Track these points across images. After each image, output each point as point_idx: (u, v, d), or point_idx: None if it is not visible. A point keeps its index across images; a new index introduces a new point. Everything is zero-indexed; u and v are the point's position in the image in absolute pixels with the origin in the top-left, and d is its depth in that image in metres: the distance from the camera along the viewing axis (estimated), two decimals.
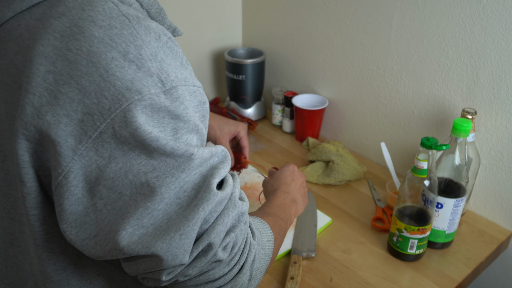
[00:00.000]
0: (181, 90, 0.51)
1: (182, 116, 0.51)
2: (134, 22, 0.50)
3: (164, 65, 0.50)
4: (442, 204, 0.91)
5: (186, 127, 0.51)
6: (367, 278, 0.89)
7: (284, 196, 0.86)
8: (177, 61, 0.52)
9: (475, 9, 0.94)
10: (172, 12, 1.35)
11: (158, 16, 0.60)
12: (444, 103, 1.06)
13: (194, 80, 0.54)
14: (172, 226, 0.50)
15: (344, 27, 1.22)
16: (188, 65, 0.54)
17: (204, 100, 0.55)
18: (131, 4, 0.55)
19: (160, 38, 0.51)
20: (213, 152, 0.54)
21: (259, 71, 1.43)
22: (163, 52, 0.51)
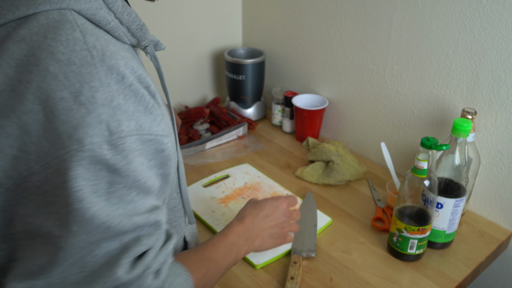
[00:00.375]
0: (130, 141, 0.47)
1: (122, 170, 0.47)
2: (97, 60, 0.46)
3: (117, 112, 0.46)
4: (442, 204, 0.91)
5: (124, 182, 0.48)
6: (367, 278, 0.89)
7: (239, 233, 0.78)
8: (141, 105, 0.49)
9: (475, 9, 0.94)
10: (172, 12, 1.35)
11: (139, 32, 0.57)
12: (444, 103, 1.06)
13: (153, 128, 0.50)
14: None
15: (344, 27, 1.22)
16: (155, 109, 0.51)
17: (162, 149, 0.52)
18: (109, 22, 0.52)
19: (123, 80, 0.48)
20: (139, 223, 0.50)
21: (259, 71, 1.43)
22: (123, 96, 0.47)
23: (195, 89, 1.54)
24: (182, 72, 1.47)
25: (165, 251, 0.56)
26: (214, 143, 1.33)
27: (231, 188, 1.14)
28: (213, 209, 1.06)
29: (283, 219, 0.85)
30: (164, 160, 0.53)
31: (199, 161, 1.25)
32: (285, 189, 1.14)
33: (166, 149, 0.53)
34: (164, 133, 0.52)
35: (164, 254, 0.55)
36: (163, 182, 0.55)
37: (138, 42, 0.57)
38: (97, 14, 0.50)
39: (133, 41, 0.57)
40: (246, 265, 0.91)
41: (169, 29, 1.37)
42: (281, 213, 0.85)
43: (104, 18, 0.51)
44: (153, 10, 1.30)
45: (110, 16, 0.52)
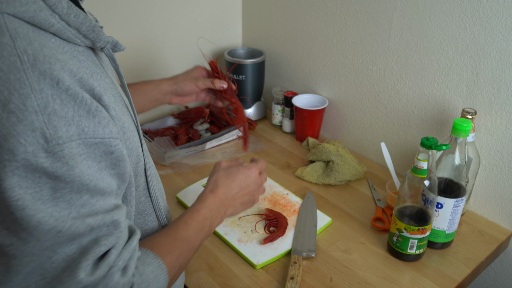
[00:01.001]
0: (69, 147, 0.46)
1: (64, 177, 0.46)
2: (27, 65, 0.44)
3: (54, 118, 0.45)
4: (442, 204, 0.91)
5: (69, 187, 0.47)
6: (367, 278, 0.89)
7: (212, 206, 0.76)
8: (81, 109, 0.48)
9: (475, 9, 0.94)
10: (173, 12, 1.35)
11: (92, 34, 0.55)
12: (444, 103, 1.06)
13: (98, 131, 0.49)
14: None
15: (344, 27, 1.22)
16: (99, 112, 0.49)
17: (111, 151, 0.51)
18: (52, 25, 0.50)
19: (58, 85, 0.46)
20: (94, 224, 0.49)
21: (259, 71, 1.43)
22: (59, 102, 0.46)
23: None
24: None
25: (129, 247, 0.55)
26: (214, 143, 1.33)
27: None
28: None
29: (255, 187, 0.84)
30: (115, 161, 0.52)
31: (199, 161, 1.25)
32: (285, 189, 1.14)
33: (116, 151, 0.52)
34: (112, 135, 0.51)
35: (129, 251, 0.55)
36: (120, 181, 0.55)
37: (92, 43, 0.56)
38: (35, 16, 0.48)
39: (87, 43, 0.55)
40: (246, 265, 0.91)
41: (169, 29, 1.37)
42: (252, 181, 0.83)
43: (46, 21, 0.49)
44: (153, 10, 1.30)
45: (53, 18, 0.50)
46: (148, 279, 0.59)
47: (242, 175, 0.82)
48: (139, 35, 1.31)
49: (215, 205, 0.77)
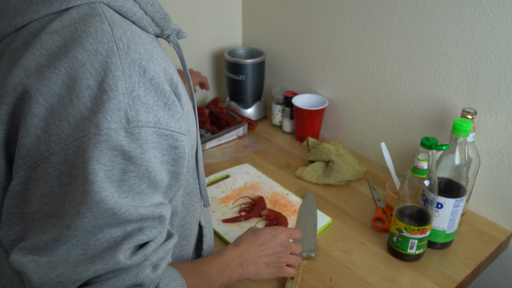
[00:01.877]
0: (146, 132, 0.49)
1: (136, 159, 0.49)
2: (122, 52, 0.49)
3: (137, 102, 0.49)
4: (442, 204, 0.91)
5: (137, 171, 0.50)
6: (367, 278, 0.89)
7: (234, 255, 0.77)
8: (160, 100, 0.51)
9: (475, 9, 0.94)
10: (172, 12, 1.35)
11: (163, 22, 0.59)
12: (444, 103, 1.06)
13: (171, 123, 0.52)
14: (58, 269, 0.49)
15: (344, 27, 1.22)
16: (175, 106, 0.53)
17: (176, 145, 0.53)
18: (135, 13, 0.54)
19: (145, 74, 0.50)
20: (144, 214, 0.52)
21: (259, 71, 1.43)
22: (143, 89, 0.49)
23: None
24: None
25: (166, 247, 0.57)
26: (214, 143, 1.33)
27: (231, 188, 1.14)
28: (213, 209, 1.06)
29: (280, 249, 0.82)
30: (177, 157, 0.54)
31: None
32: (285, 189, 1.14)
33: (180, 146, 0.54)
34: (181, 131, 0.54)
35: (164, 250, 0.56)
36: (173, 180, 0.56)
37: (161, 31, 0.60)
38: (123, 5, 0.53)
39: (157, 31, 0.59)
40: None
41: None
42: (278, 242, 0.82)
43: (130, 9, 0.54)
44: None
45: (135, 7, 0.54)
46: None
47: (267, 234, 0.82)
48: None
49: (237, 255, 0.77)
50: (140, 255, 0.52)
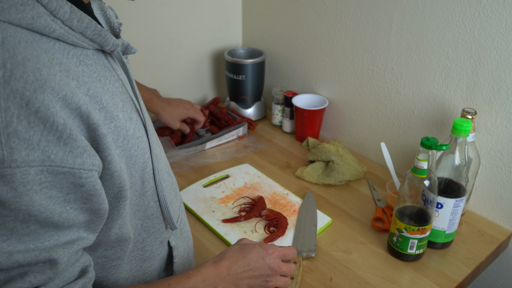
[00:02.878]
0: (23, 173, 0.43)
1: (9, 203, 0.44)
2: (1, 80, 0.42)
3: (13, 139, 0.42)
4: (442, 204, 0.91)
5: (14, 215, 0.44)
6: (367, 278, 0.89)
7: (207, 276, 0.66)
8: (51, 134, 0.44)
9: (475, 9, 0.94)
10: (172, 12, 1.35)
11: (98, 37, 0.53)
12: (444, 103, 1.06)
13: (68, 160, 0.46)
14: None
15: (344, 27, 1.22)
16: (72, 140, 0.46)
17: (82, 183, 0.48)
18: (53, 30, 0.48)
19: (28, 106, 0.43)
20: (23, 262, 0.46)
21: (259, 71, 1.43)
22: (25, 123, 0.43)
23: (195, 89, 1.54)
24: (182, 72, 1.47)
25: None
26: (214, 143, 1.33)
27: (231, 188, 1.14)
28: (213, 209, 1.06)
29: (268, 272, 0.71)
30: (86, 195, 0.49)
31: (199, 161, 1.25)
32: (285, 189, 1.14)
33: (87, 184, 0.48)
34: (84, 167, 0.47)
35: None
36: (94, 216, 0.52)
37: (100, 46, 0.55)
38: (34, 23, 0.47)
39: (95, 46, 0.54)
40: None
41: (169, 29, 1.37)
42: (267, 265, 0.71)
43: (46, 27, 0.47)
44: (153, 10, 1.30)
45: (55, 24, 0.48)
46: None
47: (256, 254, 0.71)
48: (137, 35, 1.31)
49: (212, 277, 0.66)
50: None
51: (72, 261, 0.52)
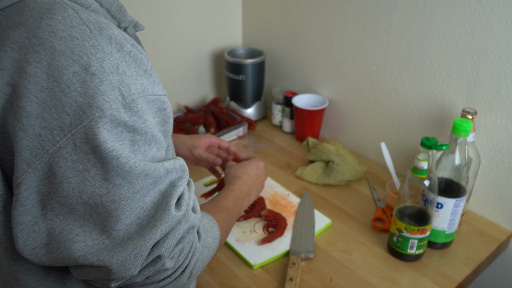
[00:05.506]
0: (141, 102, 0.51)
1: (140, 129, 0.51)
2: (95, 32, 0.49)
3: (125, 77, 0.50)
4: (442, 204, 0.90)
5: (143, 139, 0.52)
6: (367, 278, 0.89)
7: (241, 188, 0.87)
8: (141, 69, 0.52)
9: (475, 9, 0.94)
10: (172, 12, 1.35)
11: (119, 13, 0.59)
12: (444, 103, 1.06)
13: (155, 88, 0.54)
14: (129, 244, 0.52)
15: (344, 27, 1.22)
16: (153, 71, 0.54)
17: (164, 107, 0.56)
18: (90, 4, 0.54)
19: (123, 48, 0.51)
20: (169, 168, 0.55)
21: (259, 71, 1.43)
22: (125, 63, 0.51)
23: (195, 89, 1.54)
24: (182, 72, 1.47)
25: (191, 190, 0.62)
26: None
27: None
28: None
29: (264, 177, 0.96)
30: (165, 117, 0.56)
31: None
32: (286, 189, 1.13)
33: (167, 107, 0.56)
34: (164, 93, 0.56)
35: (193, 193, 0.62)
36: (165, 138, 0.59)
37: (118, 23, 0.59)
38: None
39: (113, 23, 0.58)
40: (246, 265, 0.91)
41: (169, 29, 1.37)
42: (262, 171, 0.95)
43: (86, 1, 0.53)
44: (153, 10, 1.30)
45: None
46: (206, 228, 0.69)
47: (255, 165, 0.94)
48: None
49: (244, 188, 0.88)
50: (184, 204, 0.57)
51: None
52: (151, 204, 0.54)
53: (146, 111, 0.52)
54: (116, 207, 0.50)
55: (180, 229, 0.56)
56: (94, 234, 0.51)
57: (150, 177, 0.52)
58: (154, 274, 0.57)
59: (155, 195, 0.54)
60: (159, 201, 0.54)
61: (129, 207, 0.51)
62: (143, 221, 0.53)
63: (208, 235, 0.68)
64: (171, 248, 0.56)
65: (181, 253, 0.59)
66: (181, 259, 0.59)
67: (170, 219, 0.54)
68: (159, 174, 0.53)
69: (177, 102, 1.49)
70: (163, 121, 0.56)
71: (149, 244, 0.52)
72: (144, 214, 0.53)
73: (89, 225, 0.51)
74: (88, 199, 0.50)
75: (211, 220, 0.71)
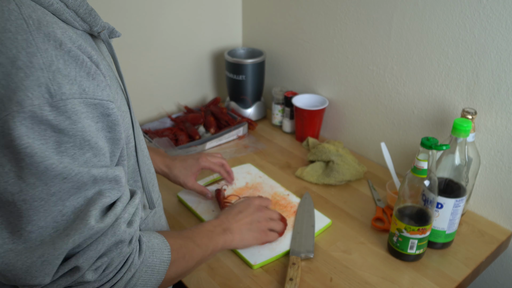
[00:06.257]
0: (72, 103, 0.49)
1: (67, 130, 0.49)
2: (32, 27, 0.48)
3: (58, 76, 0.48)
4: (442, 204, 0.91)
5: (72, 141, 0.50)
6: (367, 278, 0.89)
7: (215, 224, 0.84)
8: (82, 70, 0.51)
9: (475, 9, 0.94)
10: (172, 12, 1.35)
11: (89, 17, 0.58)
12: (444, 103, 1.06)
13: (97, 92, 0.52)
14: (37, 251, 0.50)
15: (344, 27, 1.22)
16: (98, 75, 0.53)
17: (108, 113, 0.54)
18: (51, 4, 0.52)
19: (61, 46, 0.49)
20: (97, 175, 0.53)
21: (259, 71, 1.43)
22: (62, 62, 0.49)
23: (195, 89, 1.54)
24: (182, 72, 1.47)
25: (133, 203, 0.59)
26: (214, 143, 1.33)
27: (232, 188, 1.14)
28: (213, 208, 1.06)
29: (257, 213, 0.90)
30: (111, 124, 0.55)
31: None
32: (286, 189, 1.14)
33: (112, 114, 0.54)
34: (109, 98, 0.54)
35: (133, 206, 0.59)
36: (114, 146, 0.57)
37: (90, 27, 0.59)
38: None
39: (85, 27, 0.58)
40: (246, 265, 0.91)
41: (169, 29, 1.37)
42: (253, 208, 0.90)
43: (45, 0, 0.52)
44: (153, 10, 1.30)
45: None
46: (154, 247, 0.65)
47: (241, 204, 0.91)
48: (137, 35, 1.31)
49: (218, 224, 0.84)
50: (111, 216, 0.54)
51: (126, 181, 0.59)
52: (72, 209, 0.52)
53: (82, 114, 0.50)
54: (28, 207, 0.49)
55: (104, 241, 0.54)
56: (5, 233, 0.50)
57: (69, 181, 0.50)
58: (73, 285, 0.55)
59: (79, 201, 0.52)
60: (81, 208, 0.52)
61: (43, 208, 0.50)
62: (60, 225, 0.51)
63: (154, 255, 0.65)
64: (92, 260, 0.54)
65: (108, 267, 0.57)
66: (110, 273, 0.57)
67: (86, 229, 0.51)
68: (81, 179, 0.51)
69: (177, 102, 1.49)
70: (108, 127, 0.55)
71: (58, 253, 0.51)
72: (63, 218, 0.51)
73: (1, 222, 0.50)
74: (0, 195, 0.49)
75: (163, 242, 0.68)
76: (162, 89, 1.43)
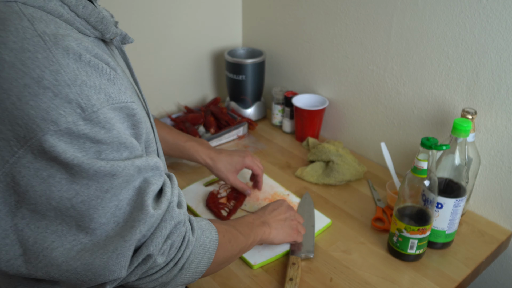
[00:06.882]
0: (103, 112, 0.50)
1: (104, 139, 0.51)
2: (50, 43, 0.48)
3: (84, 89, 0.49)
4: (442, 204, 0.90)
5: (110, 147, 0.52)
6: (367, 278, 0.89)
7: (254, 217, 0.86)
8: (103, 78, 0.52)
9: (475, 9, 0.94)
10: (172, 12, 1.35)
11: (100, 25, 0.58)
12: (444, 103, 1.06)
13: (121, 96, 0.53)
14: (109, 245, 0.52)
15: (344, 27, 1.22)
16: (118, 79, 0.54)
17: (133, 113, 0.55)
18: (62, 14, 0.53)
19: (81, 58, 0.50)
20: (141, 165, 0.55)
21: (259, 71, 1.43)
22: (84, 73, 0.50)
23: (195, 89, 1.54)
24: (182, 72, 1.47)
25: (175, 185, 0.62)
26: (214, 143, 1.33)
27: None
28: None
29: (290, 212, 0.93)
30: (135, 122, 0.56)
31: None
32: (286, 189, 1.13)
33: (137, 114, 0.56)
34: (132, 100, 0.55)
35: (176, 188, 0.62)
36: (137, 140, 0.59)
37: (101, 34, 0.59)
38: (45, 6, 0.51)
39: (96, 34, 0.58)
40: (246, 265, 0.91)
41: (169, 29, 1.37)
42: (285, 207, 0.93)
43: (55, 10, 0.52)
44: (153, 11, 1.30)
45: (63, 9, 0.53)
46: (203, 227, 0.68)
47: (274, 203, 0.94)
48: (137, 35, 1.31)
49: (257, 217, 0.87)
50: (164, 201, 0.57)
51: None
52: (126, 201, 0.54)
53: (112, 119, 0.52)
54: (87, 207, 0.51)
55: (166, 227, 0.57)
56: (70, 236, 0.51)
57: (118, 176, 0.52)
58: (147, 271, 0.58)
59: (130, 192, 0.54)
60: (134, 198, 0.55)
61: (101, 206, 0.52)
62: (119, 219, 0.53)
63: (204, 234, 0.68)
64: (160, 246, 0.57)
65: (171, 247, 0.60)
66: (173, 252, 0.60)
67: (148, 218, 0.54)
68: (129, 172, 0.53)
69: (177, 102, 1.49)
70: (132, 125, 0.56)
71: (129, 244, 0.53)
72: (120, 212, 0.53)
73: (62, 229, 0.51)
74: (57, 204, 0.50)
75: (208, 223, 0.71)
76: (162, 89, 1.43)
